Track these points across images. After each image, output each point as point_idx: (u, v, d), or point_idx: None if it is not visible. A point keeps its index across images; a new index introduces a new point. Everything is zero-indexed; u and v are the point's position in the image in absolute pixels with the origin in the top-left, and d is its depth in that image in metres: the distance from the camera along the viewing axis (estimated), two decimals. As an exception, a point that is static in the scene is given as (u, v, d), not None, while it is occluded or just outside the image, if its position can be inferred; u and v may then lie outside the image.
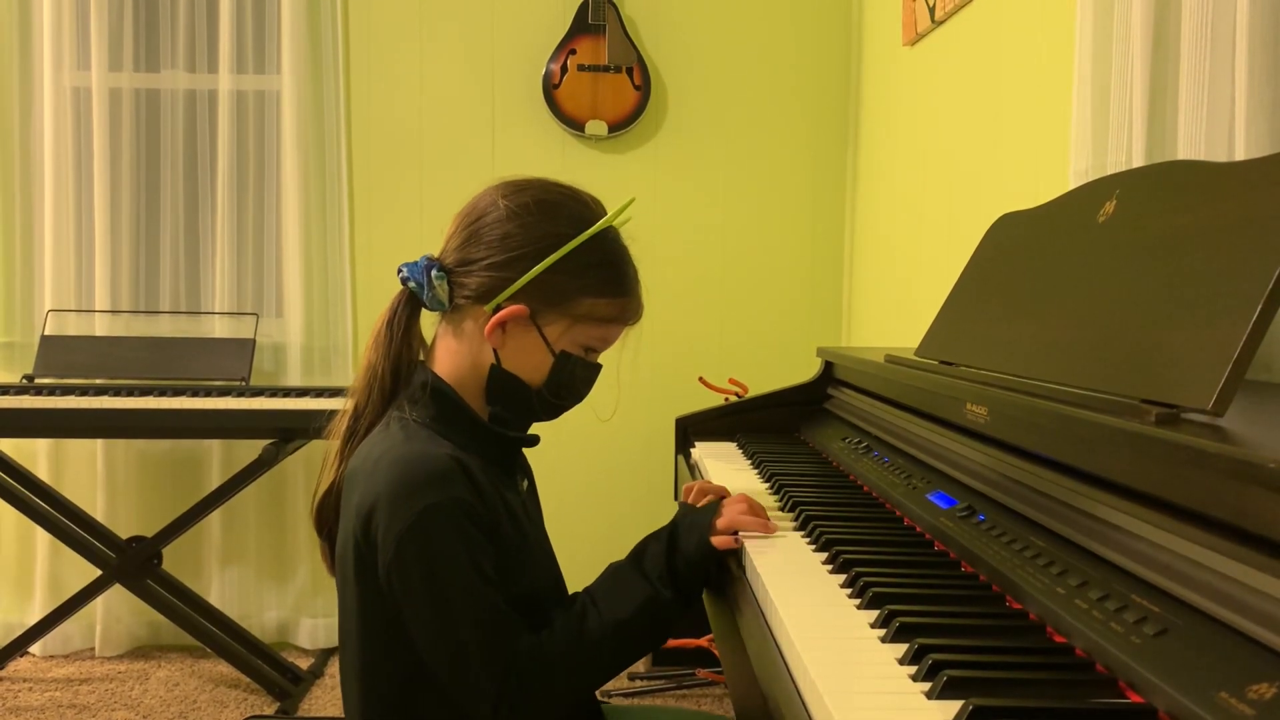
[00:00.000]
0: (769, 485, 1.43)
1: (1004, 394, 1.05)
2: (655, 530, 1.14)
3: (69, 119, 2.95)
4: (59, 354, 2.82)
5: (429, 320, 1.20)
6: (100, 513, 2.91)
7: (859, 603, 0.90)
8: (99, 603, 2.92)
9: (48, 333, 2.86)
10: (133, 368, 2.80)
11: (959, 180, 2.16)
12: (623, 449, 3.06)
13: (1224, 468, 0.67)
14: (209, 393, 2.63)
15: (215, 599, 2.95)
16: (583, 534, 2.59)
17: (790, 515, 1.23)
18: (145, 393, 2.63)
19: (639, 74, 2.98)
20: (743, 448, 1.78)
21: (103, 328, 2.96)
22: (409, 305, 1.17)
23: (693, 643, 2.58)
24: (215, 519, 2.96)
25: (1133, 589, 0.74)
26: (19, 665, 2.92)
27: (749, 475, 1.54)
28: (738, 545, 1.10)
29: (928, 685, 0.70)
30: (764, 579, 0.97)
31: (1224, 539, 0.67)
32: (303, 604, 3.06)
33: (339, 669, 1.18)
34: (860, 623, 0.85)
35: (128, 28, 2.97)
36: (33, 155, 2.97)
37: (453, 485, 1.03)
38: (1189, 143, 1.20)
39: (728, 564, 1.10)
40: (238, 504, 2.90)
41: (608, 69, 2.97)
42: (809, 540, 1.12)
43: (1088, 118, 1.43)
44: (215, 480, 2.91)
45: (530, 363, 1.14)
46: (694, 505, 1.20)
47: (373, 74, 3.03)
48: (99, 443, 2.96)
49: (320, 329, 3.02)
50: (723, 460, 1.67)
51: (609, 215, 1.16)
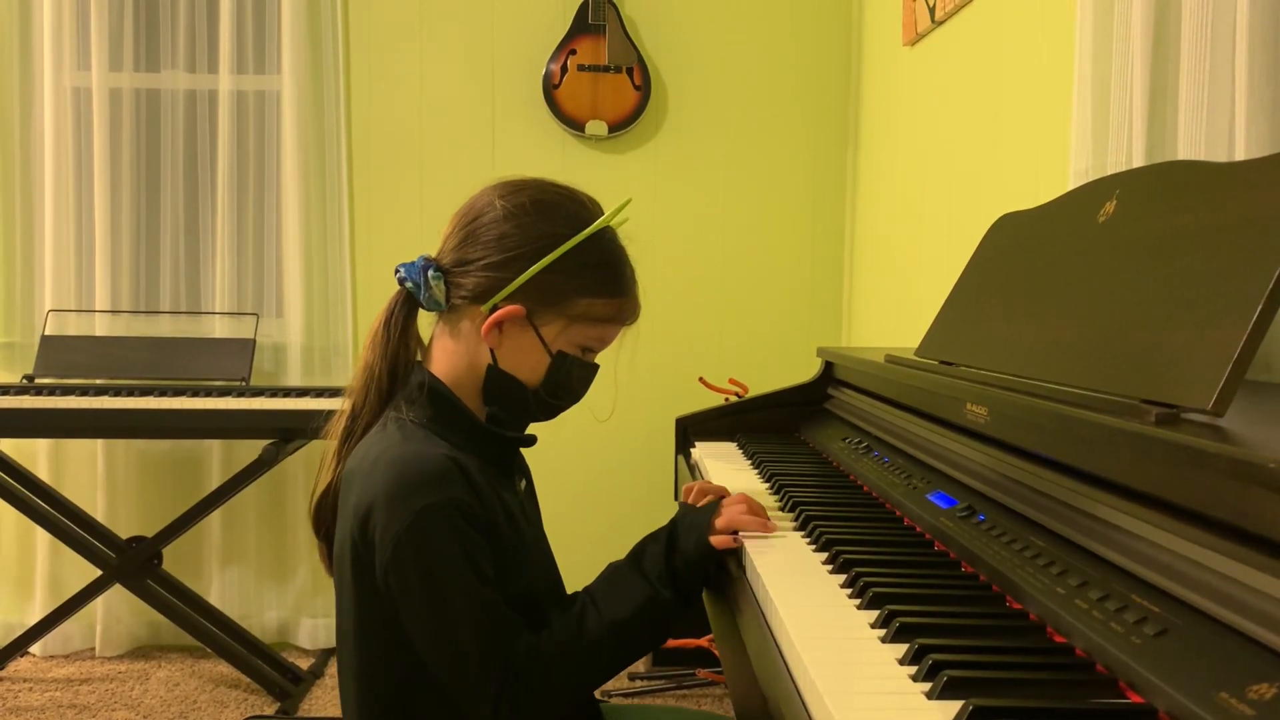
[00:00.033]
0: (769, 485, 1.43)
1: (1004, 394, 1.05)
2: (654, 530, 1.15)
3: (69, 119, 2.95)
4: (59, 354, 2.82)
5: (426, 320, 1.20)
6: (100, 513, 2.92)
7: (859, 603, 0.90)
8: (99, 603, 2.92)
9: (48, 333, 2.86)
10: (133, 368, 2.80)
11: (959, 180, 2.16)
12: (623, 449, 3.06)
13: (1224, 468, 0.67)
14: (209, 393, 2.63)
15: (215, 599, 2.95)
16: (583, 534, 2.59)
17: (790, 515, 1.23)
18: (145, 393, 2.63)
19: (639, 74, 2.98)
20: (743, 448, 1.78)
21: (103, 328, 2.96)
22: (406, 305, 1.17)
23: (693, 643, 2.58)
24: (215, 519, 2.96)
25: (1133, 589, 0.74)
26: (19, 665, 2.92)
27: (749, 475, 1.54)
28: (737, 545, 1.10)
29: (928, 685, 0.70)
30: (764, 579, 0.97)
31: (1224, 539, 0.67)
32: (303, 604, 3.07)
33: (337, 669, 1.18)
34: (860, 623, 0.85)
35: (128, 28, 2.97)
36: (33, 155, 2.97)
37: (450, 486, 1.03)
38: (1189, 143, 1.20)
39: (727, 564, 1.10)
40: (238, 504, 2.90)
41: (608, 69, 2.97)
42: (809, 540, 1.12)
43: (1088, 118, 1.43)
44: (215, 480, 2.91)
45: (527, 363, 1.14)
46: (694, 506, 1.20)
47: (373, 74, 3.03)
48: (99, 443, 2.96)
49: (320, 329, 3.02)
50: (723, 460, 1.67)
51: (606, 215, 1.16)
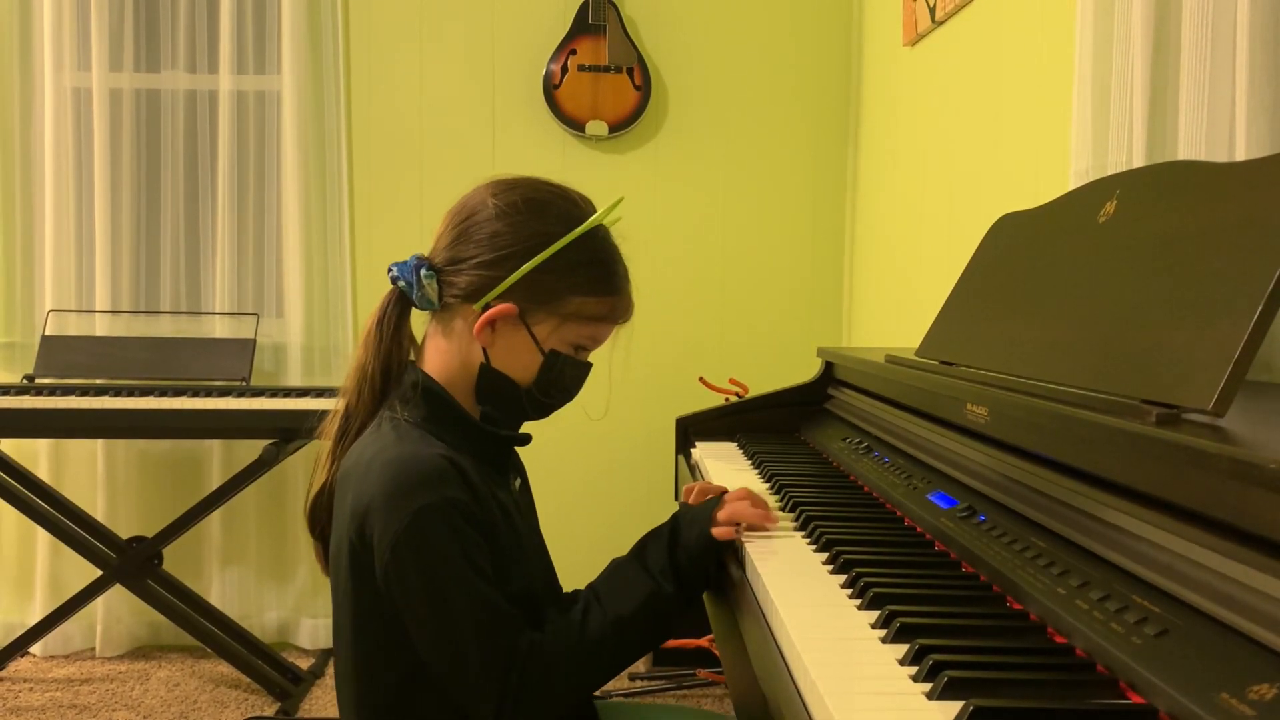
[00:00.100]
0: (769, 485, 1.43)
1: (1004, 394, 1.05)
2: (657, 526, 1.15)
3: (69, 119, 2.95)
4: (59, 354, 2.82)
5: (420, 320, 1.19)
6: (101, 513, 2.91)
7: (859, 603, 0.90)
8: (99, 603, 2.92)
9: (48, 333, 2.86)
10: (133, 368, 2.80)
11: (959, 180, 2.16)
12: (623, 449, 3.06)
13: (1225, 468, 0.67)
14: (209, 393, 2.63)
15: (215, 599, 2.95)
16: (583, 534, 2.59)
17: (791, 515, 1.23)
18: (146, 393, 2.63)
19: (639, 74, 2.98)
20: (743, 448, 1.78)
21: (103, 328, 2.96)
22: (399, 304, 1.17)
23: (693, 643, 2.58)
24: (215, 519, 2.96)
25: (1133, 589, 0.74)
26: (20, 665, 2.92)
27: (749, 475, 1.54)
28: (737, 536, 1.11)
29: (928, 686, 0.70)
30: (764, 579, 0.97)
31: (1225, 539, 0.67)
32: (303, 604, 3.06)
33: (334, 670, 1.17)
34: (861, 623, 0.85)
35: (128, 28, 2.97)
36: (33, 156, 2.97)
37: (447, 485, 1.03)
38: (1189, 143, 1.20)
39: (728, 566, 1.10)
40: (238, 504, 2.90)
41: (608, 69, 2.97)
42: (809, 541, 1.12)
43: (1088, 118, 1.42)
44: (215, 480, 2.91)
45: (520, 362, 1.14)
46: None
47: (373, 74, 3.03)
48: (99, 443, 2.96)
49: (320, 329, 3.02)
50: (723, 460, 1.67)
51: (598, 214, 1.15)
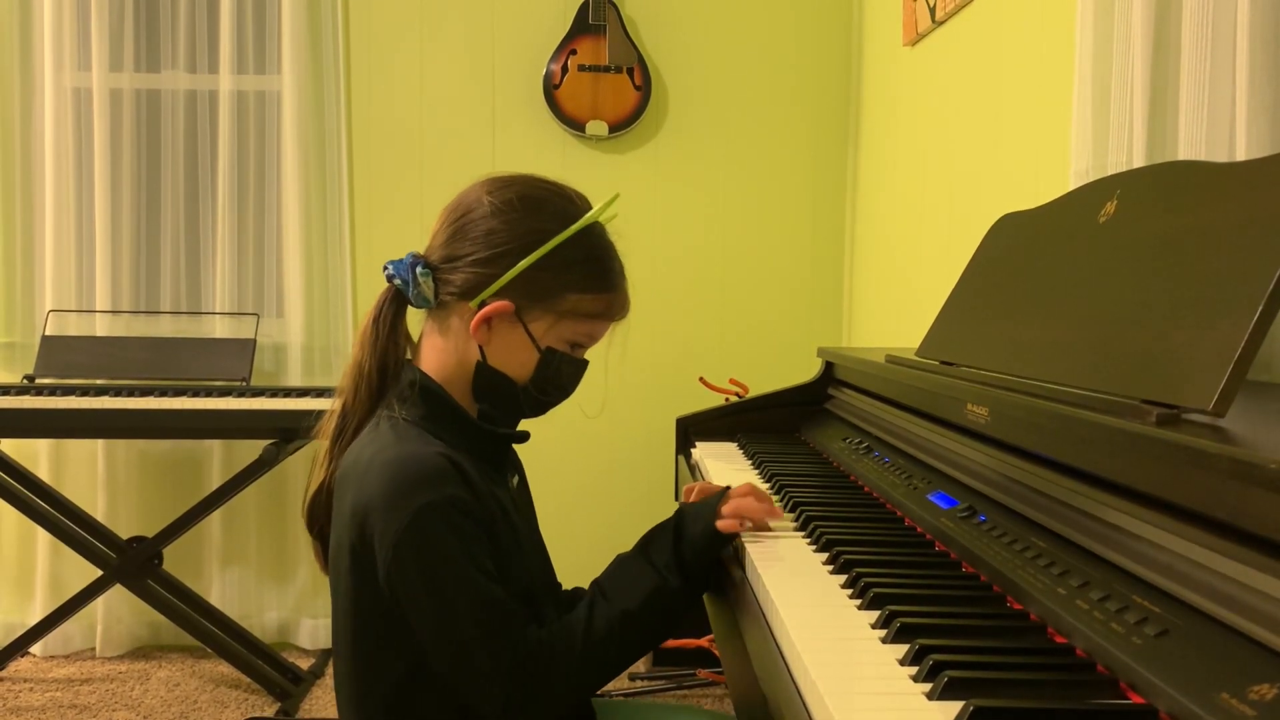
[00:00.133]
0: (770, 485, 1.43)
1: (1005, 394, 1.05)
2: (661, 522, 1.15)
3: (69, 119, 2.95)
4: (60, 354, 2.82)
5: (416, 319, 1.19)
6: (101, 513, 2.91)
7: (860, 603, 0.90)
8: (100, 603, 2.92)
9: (48, 333, 2.86)
10: (133, 368, 2.80)
11: (959, 180, 2.16)
12: (623, 449, 3.06)
13: (1225, 468, 0.67)
14: (210, 393, 2.63)
15: (216, 599, 2.95)
16: (584, 535, 2.59)
17: (791, 515, 1.23)
18: (146, 393, 2.63)
19: (639, 74, 2.98)
20: (743, 448, 1.78)
21: (103, 328, 2.96)
22: (395, 303, 1.17)
23: (693, 643, 2.58)
24: (216, 519, 2.96)
25: (1134, 590, 0.74)
26: (20, 665, 2.92)
27: (749, 475, 1.54)
28: (742, 529, 1.11)
29: (928, 686, 0.70)
30: (765, 580, 0.97)
31: (1225, 540, 0.67)
32: (303, 604, 3.06)
33: (333, 670, 1.17)
34: (861, 623, 0.85)
35: (128, 28, 2.97)
36: (33, 156, 2.97)
37: (447, 483, 1.03)
38: (1189, 143, 1.20)
39: (729, 566, 1.10)
40: (238, 504, 2.90)
41: (608, 69, 2.96)
42: (810, 541, 1.12)
43: (1088, 118, 1.42)
44: (216, 480, 2.91)
45: (516, 359, 1.13)
46: None
47: (373, 74, 3.03)
48: (100, 443, 2.96)
49: (321, 329, 3.02)
50: (723, 460, 1.67)
51: (594, 211, 1.15)
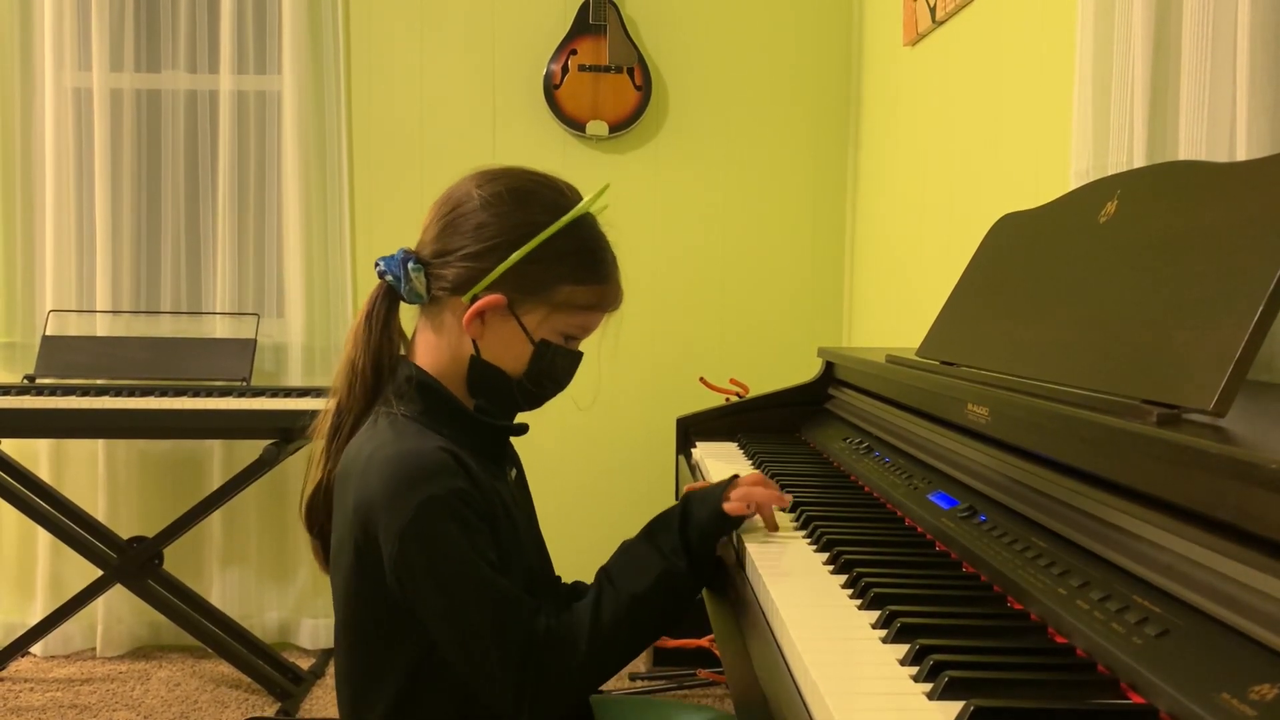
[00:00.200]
0: (770, 485, 1.43)
1: (1005, 394, 1.05)
2: (666, 509, 1.15)
3: (70, 119, 2.95)
4: (60, 354, 2.82)
5: (409, 315, 1.19)
6: (101, 513, 2.91)
7: (860, 603, 0.90)
8: (100, 603, 2.92)
9: (49, 333, 2.86)
10: (134, 368, 2.80)
11: (960, 180, 2.16)
12: (623, 449, 3.06)
13: (1226, 468, 0.67)
14: (210, 393, 2.63)
15: (216, 599, 2.95)
16: (584, 535, 2.59)
17: (791, 516, 1.23)
18: (146, 393, 2.63)
19: (640, 74, 2.98)
20: (744, 448, 1.78)
21: (104, 328, 2.96)
22: (387, 299, 1.16)
23: (693, 643, 2.58)
24: (216, 519, 2.96)
25: (1134, 590, 0.74)
26: (20, 665, 2.92)
27: (750, 475, 1.54)
28: (749, 513, 1.11)
29: (929, 686, 0.70)
30: (765, 579, 0.97)
31: (1226, 540, 0.67)
32: (303, 604, 3.06)
33: (334, 669, 1.17)
34: (862, 623, 0.85)
35: (129, 28, 2.97)
36: (34, 156, 2.97)
37: (448, 476, 1.03)
38: (1190, 143, 1.20)
39: (730, 566, 1.10)
40: (239, 504, 2.90)
41: (608, 69, 2.96)
42: (810, 541, 1.12)
43: (1089, 118, 1.42)
44: (216, 480, 2.91)
45: (510, 353, 1.13)
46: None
47: (373, 74, 3.03)
48: (100, 443, 2.96)
49: (321, 329, 3.02)
50: (724, 460, 1.67)
51: (584, 202, 1.15)
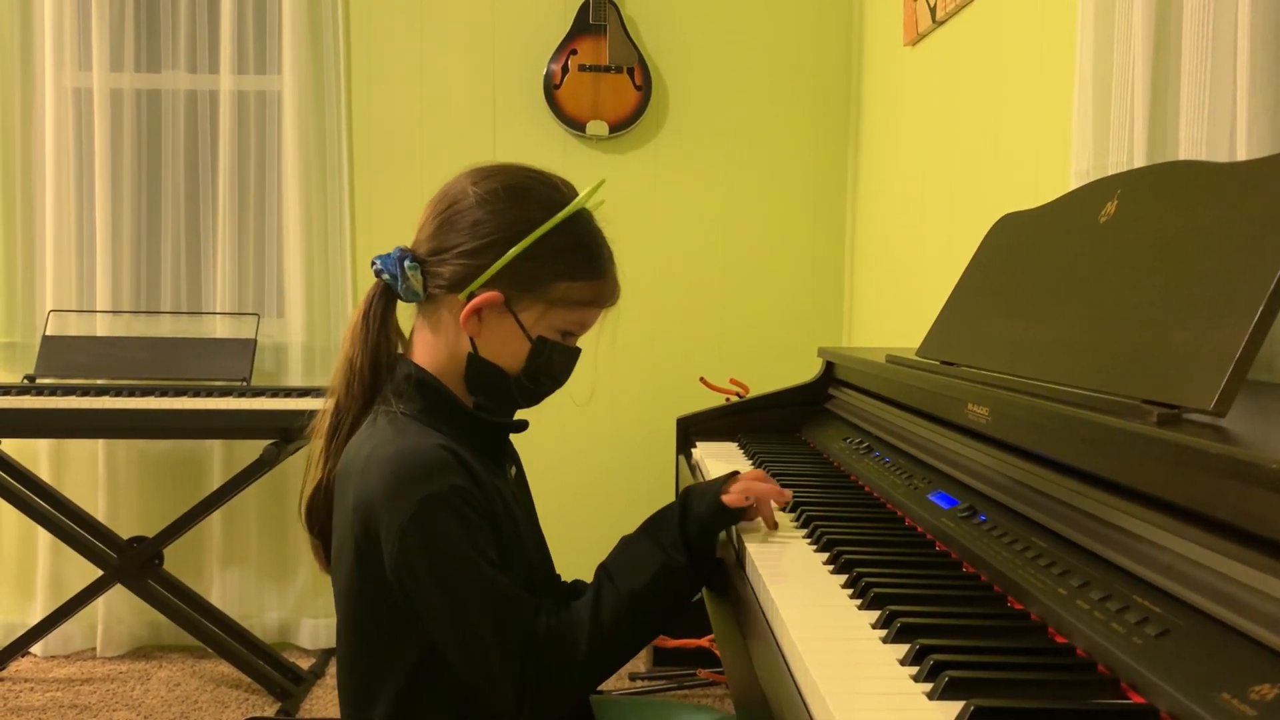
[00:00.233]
0: (770, 485, 1.43)
1: (1005, 394, 1.05)
2: (665, 505, 1.15)
3: (70, 119, 2.95)
4: (60, 354, 2.82)
5: (407, 314, 1.19)
6: (101, 513, 2.91)
7: (860, 603, 0.89)
8: (100, 603, 2.92)
9: (49, 333, 2.86)
10: (134, 368, 2.80)
11: (960, 180, 2.16)
12: (623, 449, 3.06)
13: (1226, 468, 0.67)
14: (210, 393, 2.63)
15: (216, 599, 2.95)
16: (584, 535, 2.58)
17: (791, 516, 1.23)
18: (146, 393, 2.63)
19: (640, 74, 2.98)
20: (744, 448, 1.78)
21: (104, 328, 2.96)
22: (384, 298, 1.16)
23: (693, 643, 2.58)
24: (216, 519, 2.96)
25: (1134, 590, 0.74)
26: (20, 665, 2.92)
27: (750, 475, 1.54)
28: (748, 504, 1.11)
29: (929, 686, 0.70)
30: (765, 579, 0.97)
31: (1226, 540, 0.67)
32: (304, 604, 3.06)
33: (336, 669, 1.17)
34: (862, 623, 0.85)
35: (129, 28, 2.97)
36: (34, 156, 2.97)
37: (448, 474, 1.03)
38: (1190, 143, 1.20)
39: (730, 566, 1.10)
40: (239, 504, 2.90)
41: (609, 69, 2.96)
42: (810, 541, 1.12)
43: (1089, 118, 1.42)
44: (216, 480, 2.91)
45: (507, 350, 1.13)
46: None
47: (373, 74, 3.03)
48: (100, 443, 2.96)
49: (321, 329, 3.02)
50: (724, 460, 1.67)
51: (580, 197, 1.15)
